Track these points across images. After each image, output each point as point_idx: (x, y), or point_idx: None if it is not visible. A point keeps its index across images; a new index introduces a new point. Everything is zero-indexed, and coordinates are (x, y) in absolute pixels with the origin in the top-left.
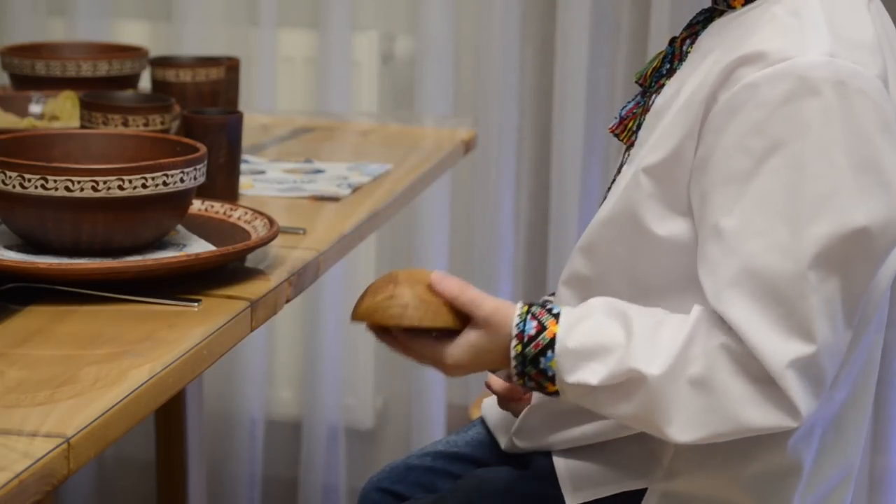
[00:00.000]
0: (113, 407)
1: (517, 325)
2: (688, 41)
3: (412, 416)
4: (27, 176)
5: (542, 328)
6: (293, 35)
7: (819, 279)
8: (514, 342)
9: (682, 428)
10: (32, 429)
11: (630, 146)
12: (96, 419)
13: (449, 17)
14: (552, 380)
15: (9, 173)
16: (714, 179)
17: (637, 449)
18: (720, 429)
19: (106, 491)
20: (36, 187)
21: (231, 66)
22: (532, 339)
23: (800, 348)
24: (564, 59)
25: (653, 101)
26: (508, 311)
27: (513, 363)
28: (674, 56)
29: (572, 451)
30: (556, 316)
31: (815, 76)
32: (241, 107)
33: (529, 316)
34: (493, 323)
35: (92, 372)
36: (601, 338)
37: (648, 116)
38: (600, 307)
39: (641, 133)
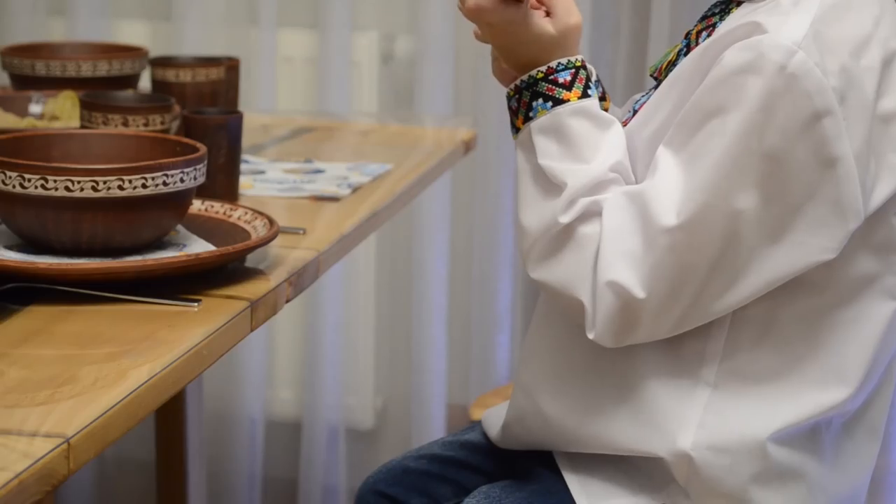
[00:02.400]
0: (113, 407)
1: (560, 62)
2: (703, 33)
3: (412, 416)
4: (27, 176)
5: (568, 86)
6: (293, 35)
7: (685, 245)
8: (542, 68)
9: (539, 263)
10: (32, 429)
11: None
12: (96, 419)
13: (449, 17)
14: (527, 120)
15: (9, 173)
16: (677, 119)
17: (651, 464)
18: (558, 285)
19: (106, 491)
20: (36, 187)
21: (231, 66)
22: (555, 83)
23: (631, 283)
24: None
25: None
26: (573, 42)
27: (524, 76)
28: (689, 49)
29: (582, 465)
30: (587, 96)
31: (773, 58)
32: (241, 107)
33: (573, 70)
34: (563, 34)
35: (92, 372)
36: (583, 146)
37: None
38: (614, 133)
39: (643, 108)
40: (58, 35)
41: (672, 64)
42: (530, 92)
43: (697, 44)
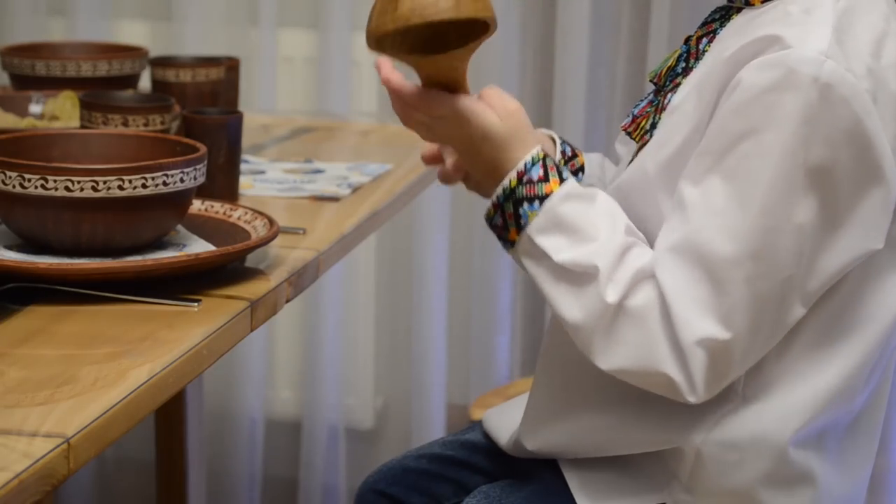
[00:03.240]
0: (113, 407)
1: (526, 162)
2: (704, 39)
3: (412, 416)
4: (27, 176)
5: (544, 179)
6: (293, 35)
7: (756, 273)
8: (512, 175)
9: (605, 350)
10: (32, 429)
11: (643, 145)
12: (96, 419)
13: None
14: (520, 228)
15: (9, 173)
16: (697, 150)
17: (653, 463)
18: (635, 366)
19: (106, 491)
20: (36, 187)
21: (231, 66)
22: (531, 182)
23: (714, 330)
24: (564, 59)
25: (668, 100)
26: (528, 138)
27: (497, 191)
28: (689, 54)
29: (584, 464)
30: (563, 180)
31: (804, 72)
32: (241, 107)
33: (541, 163)
34: (514, 129)
35: (92, 372)
36: (586, 225)
37: (664, 115)
38: (603, 200)
39: (657, 132)
40: (58, 35)
41: (671, 69)
42: (511, 202)
43: (698, 49)
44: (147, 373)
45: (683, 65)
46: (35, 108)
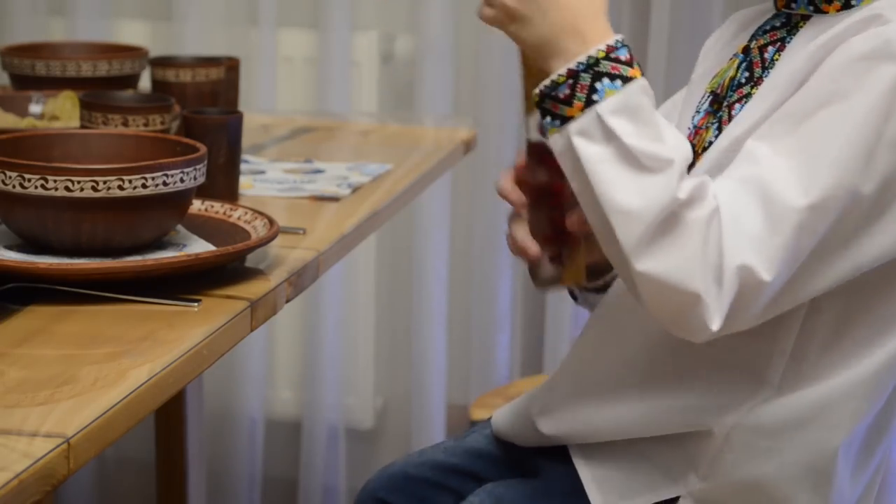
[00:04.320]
0: (113, 407)
1: (617, 40)
2: (770, 48)
3: (412, 416)
4: (27, 176)
5: (629, 63)
6: (293, 35)
7: (810, 226)
8: (602, 46)
9: (648, 249)
10: (32, 429)
11: (697, 154)
12: (96, 419)
13: (449, 17)
14: (588, 104)
15: (9, 173)
16: (776, 115)
17: (670, 453)
18: (670, 275)
19: (106, 491)
20: (36, 187)
21: (231, 66)
22: (618, 61)
23: (758, 265)
24: None
25: (738, 111)
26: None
27: (580, 58)
28: (752, 63)
29: (597, 456)
30: (642, 74)
31: None
32: (241, 107)
33: (627, 49)
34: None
35: (92, 372)
36: (659, 124)
37: (736, 121)
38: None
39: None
40: (58, 35)
41: (733, 80)
42: (591, 73)
43: (762, 59)
44: (147, 373)
45: (747, 74)
46: (35, 108)
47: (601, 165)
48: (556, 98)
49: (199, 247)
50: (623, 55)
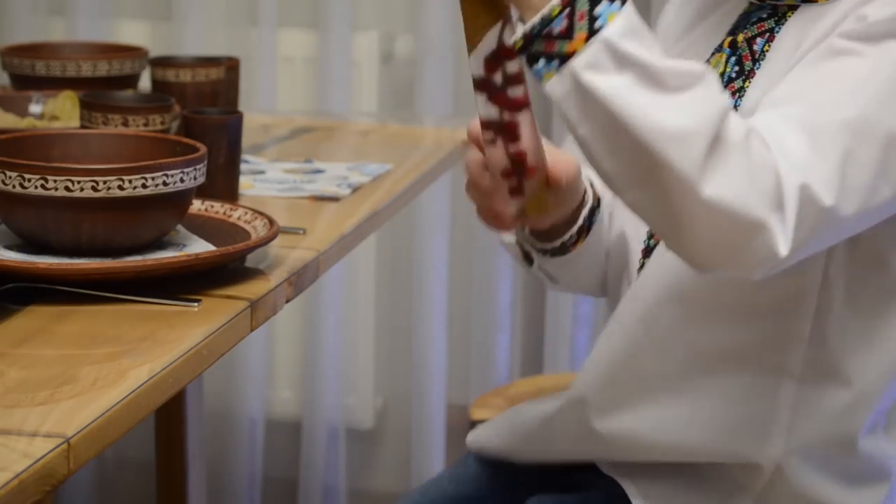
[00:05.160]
0: (113, 407)
1: None
2: (759, 40)
3: (412, 416)
4: (27, 176)
5: None
6: (293, 35)
7: (868, 157)
8: None
9: (712, 169)
10: (32, 429)
11: None
12: (96, 419)
13: (449, 17)
14: (592, 33)
15: (9, 173)
16: (799, 64)
17: (720, 476)
18: (735, 198)
19: (106, 491)
20: (36, 187)
21: (231, 66)
22: None
23: (821, 183)
24: None
25: (734, 104)
26: None
27: None
28: (742, 56)
29: (643, 474)
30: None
31: None
32: (241, 107)
33: None
34: None
35: (92, 372)
36: (661, 49)
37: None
38: None
39: None
40: (58, 35)
41: (724, 75)
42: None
43: (752, 51)
44: (147, 373)
45: (737, 68)
46: (35, 108)
47: (629, 95)
48: (551, 35)
49: (199, 247)
50: None
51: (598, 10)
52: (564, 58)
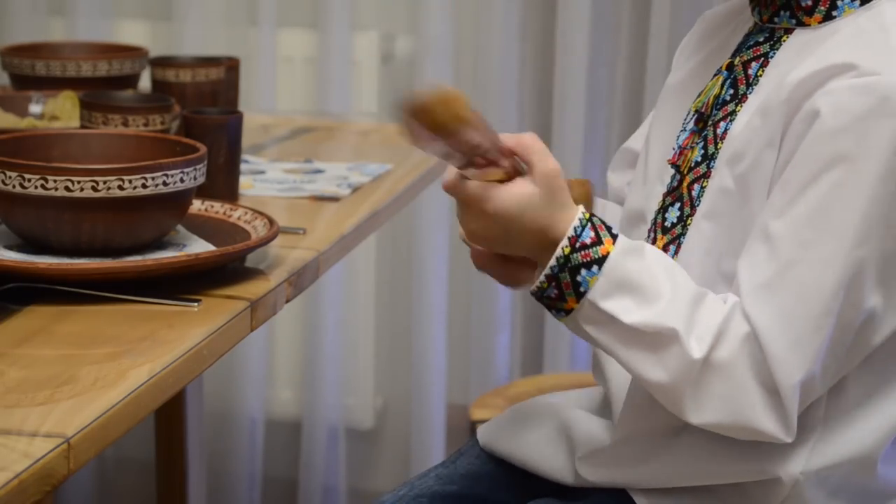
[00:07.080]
0: (113, 407)
1: (575, 227)
2: (754, 64)
3: (412, 416)
4: (27, 176)
5: (597, 241)
6: (293, 35)
7: (847, 302)
8: (564, 243)
9: (696, 406)
10: (32, 429)
11: (683, 175)
12: (96, 419)
13: (449, 17)
14: (579, 296)
15: (9, 173)
16: (779, 182)
17: (734, 490)
18: (728, 420)
19: (106, 491)
20: (36, 187)
21: (231, 66)
22: (585, 247)
23: (813, 368)
24: (564, 59)
25: (724, 128)
26: (560, 187)
27: (551, 262)
28: (737, 80)
29: (657, 492)
30: (614, 236)
31: None
32: (241, 107)
33: (590, 224)
34: (552, 188)
35: (92, 372)
36: (649, 282)
37: (726, 142)
38: (653, 253)
39: (722, 155)
40: (58, 35)
41: (718, 98)
42: (567, 271)
43: (746, 75)
44: (147, 373)
45: (732, 91)
46: (35, 108)
47: (618, 349)
48: (549, 298)
49: (199, 247)
50: (587, 237)
51: (580, 277)
52: (567, 311)
